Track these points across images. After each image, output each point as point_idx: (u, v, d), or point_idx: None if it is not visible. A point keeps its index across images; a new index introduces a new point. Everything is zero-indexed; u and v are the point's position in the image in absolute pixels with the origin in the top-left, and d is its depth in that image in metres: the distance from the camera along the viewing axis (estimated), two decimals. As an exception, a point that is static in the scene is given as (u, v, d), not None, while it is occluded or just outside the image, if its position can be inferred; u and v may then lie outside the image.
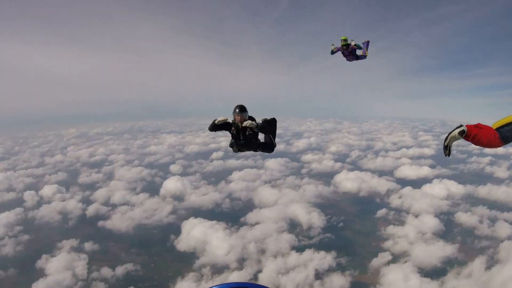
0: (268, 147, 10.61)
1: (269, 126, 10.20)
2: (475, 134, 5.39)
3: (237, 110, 9.51)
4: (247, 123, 9.28)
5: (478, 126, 5.44)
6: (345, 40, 16.93)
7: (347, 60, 17.85)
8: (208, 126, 9.64)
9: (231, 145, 10.41)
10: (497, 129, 5.46)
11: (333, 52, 17.61)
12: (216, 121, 9.46)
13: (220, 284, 3.54)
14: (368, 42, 17.52)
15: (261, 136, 10.40)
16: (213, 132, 9.94)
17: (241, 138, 10.01)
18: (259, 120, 9.83)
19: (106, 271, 59.65)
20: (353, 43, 16.80)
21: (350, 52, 17.18)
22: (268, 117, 10.31)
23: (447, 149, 5.69)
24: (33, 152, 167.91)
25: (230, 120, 9.71)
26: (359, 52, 17.40)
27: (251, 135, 9.90)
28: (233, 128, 9.84)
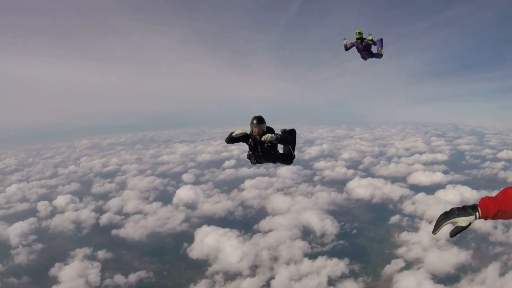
0: (288, 158, 10.33)
1: (289, 137, 9.91)
2: (494, 214, 4.05)
3: (255, 122, 9.19)
4: (266, 137, 8.91)
5: (501, 203, 3.99)
6: (360, 33, 16.49)
7: (361, 57, 17.30)
8: (225, 138, 9.44)
9: (249, 157, 10.12)
10: None
11: (346, 48, 17.08)
12: (233, 134, 9.24)
13: None
14: (381, 40, 17.16)
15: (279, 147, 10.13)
16: (230, 144, 9.67)
17: (260, 150, 9.70)
18: (278, 131, 9.58)
19: (119, 278, 60.15)
20: (369, 37, 16.44)
21: (364, 47, 16.87)
22: (288, 128, 10.08)
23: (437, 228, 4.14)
24: (46, 163, 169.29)
25: (247, 131, 9.43)
26: (374, 49, 17.05)
27: (269, 146, 9.57)
28: (250, 140, 9.54)
